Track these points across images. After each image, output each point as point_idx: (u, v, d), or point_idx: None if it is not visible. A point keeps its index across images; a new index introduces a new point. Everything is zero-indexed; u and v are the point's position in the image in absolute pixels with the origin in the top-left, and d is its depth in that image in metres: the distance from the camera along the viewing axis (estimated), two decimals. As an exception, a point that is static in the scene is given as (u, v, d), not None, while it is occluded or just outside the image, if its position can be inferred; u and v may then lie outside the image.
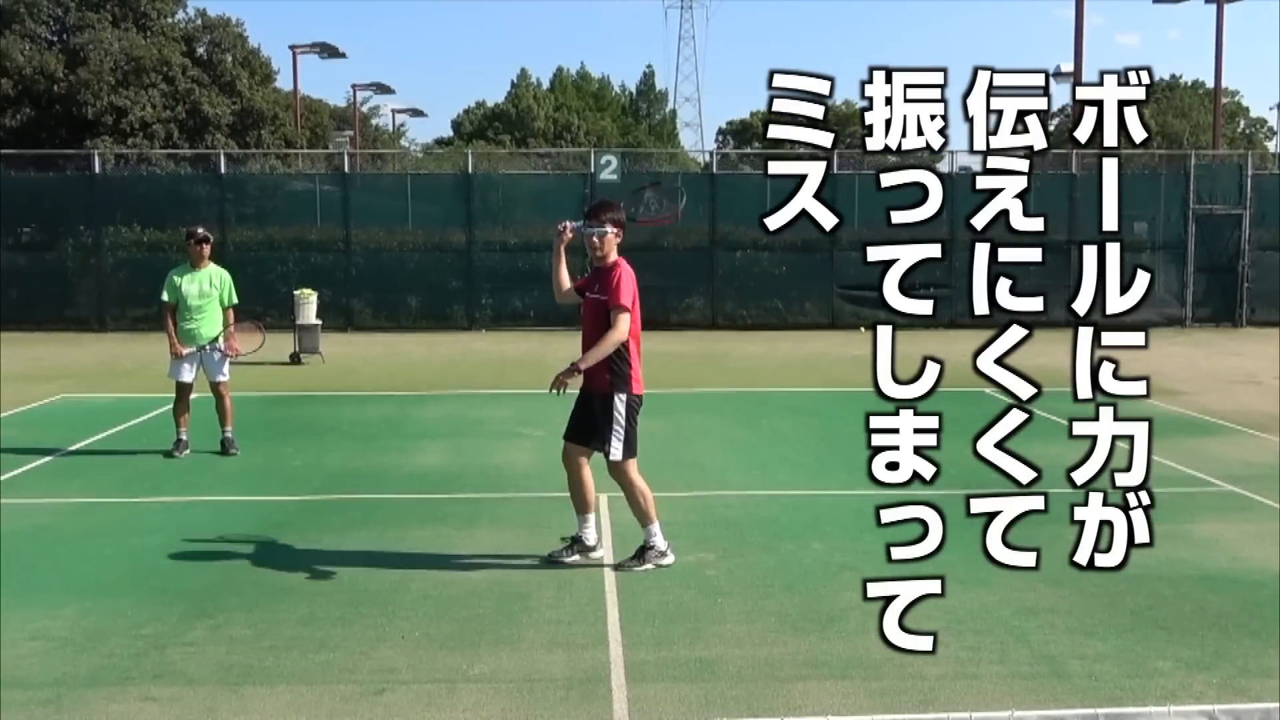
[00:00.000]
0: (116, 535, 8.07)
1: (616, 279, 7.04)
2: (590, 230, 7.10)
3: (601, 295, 7.08)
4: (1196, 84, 63.98)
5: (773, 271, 24.53)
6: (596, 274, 7.21)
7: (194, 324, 10.72)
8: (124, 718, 4.98)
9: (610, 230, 7.11)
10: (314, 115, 41.22)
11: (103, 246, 24.02)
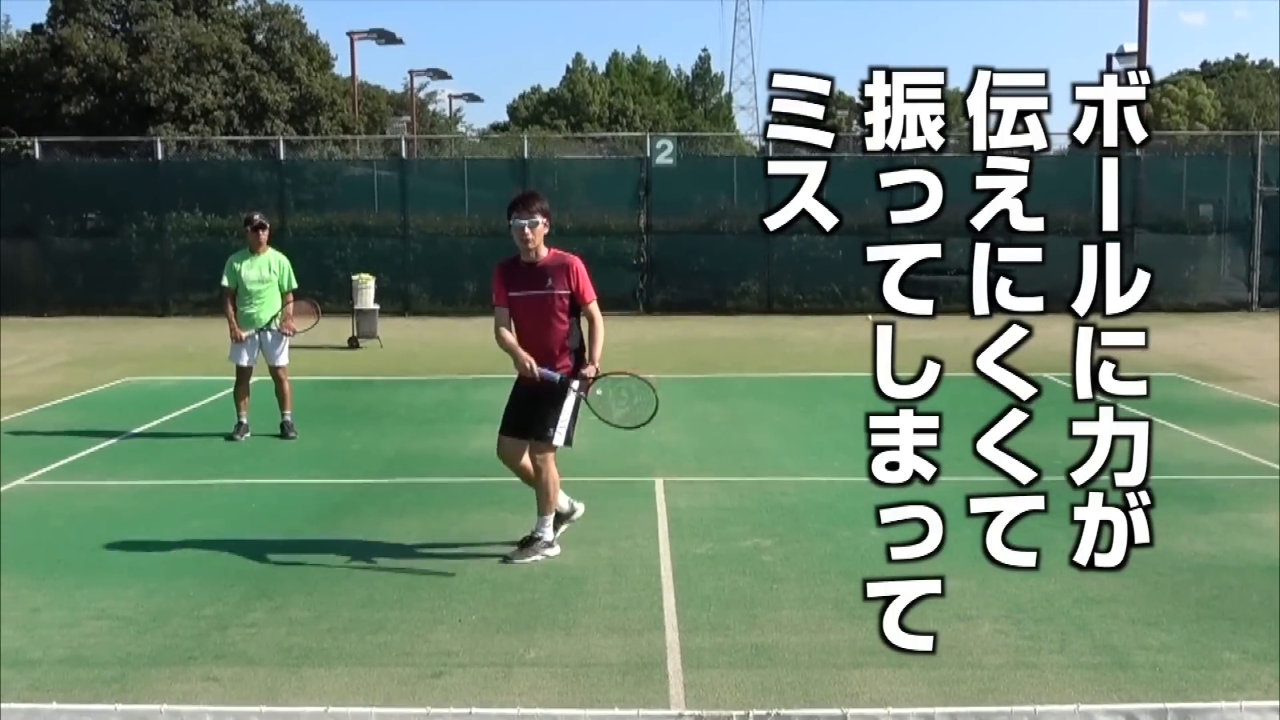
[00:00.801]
0: (179, 517, 8.19)
1: (579, 275, 7.01)
2: (522, 222, 6.90)
3: (559, 290, 6.94)
4: (1264, 63, 62.62)
5: (829, 256, 24.33)
6: (529, 270, 6.99)
7: (253, 309, 10.83)
8: (187, 697, 5.04)
9: (541, 221, 6.96)
10: (371, 101, 41.53)
11: (165, 232, 24.37)
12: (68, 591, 6.51)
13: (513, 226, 6.96)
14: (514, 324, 7.11)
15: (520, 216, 6.92)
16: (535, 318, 7.00)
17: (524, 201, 7.01)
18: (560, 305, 6.97)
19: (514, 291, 7.02)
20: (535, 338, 7.00)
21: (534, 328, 7.01)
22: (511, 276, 7.06)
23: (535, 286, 6.97)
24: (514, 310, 7.07)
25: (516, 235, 6.96)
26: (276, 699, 5.02)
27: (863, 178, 19.03)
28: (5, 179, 24.64)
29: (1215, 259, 25.18)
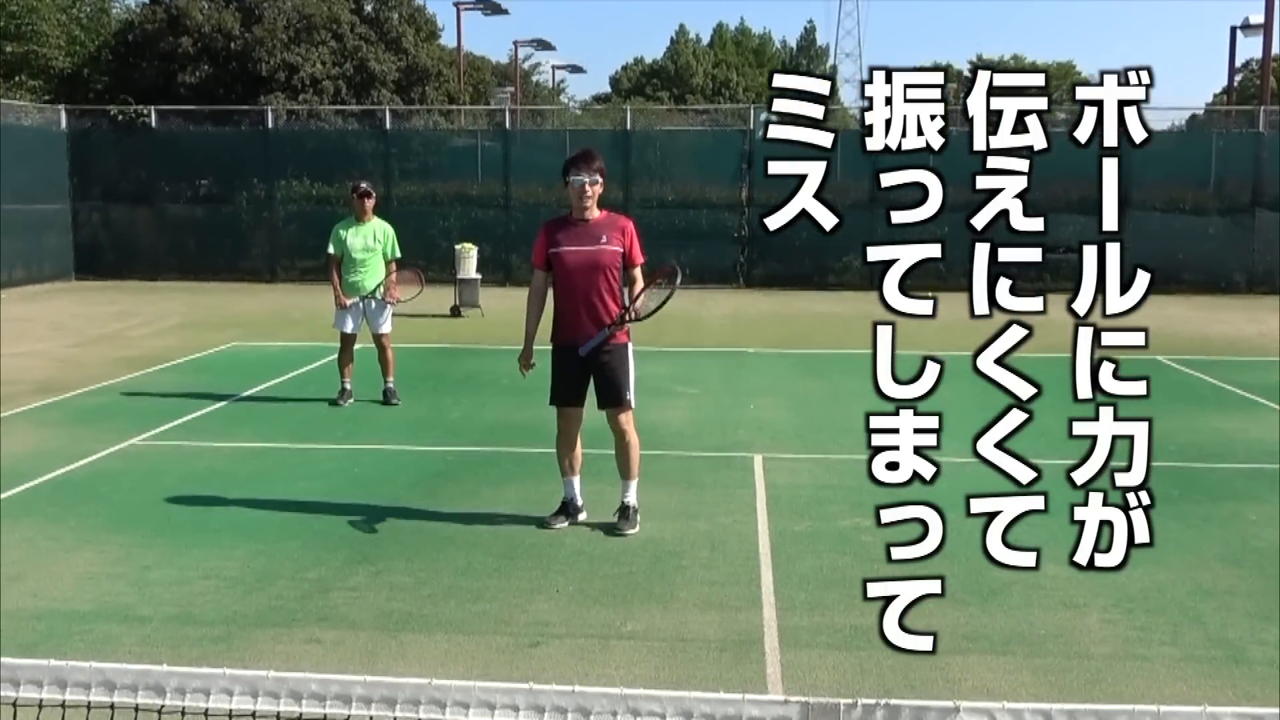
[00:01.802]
0: (284, 480, 8.34)
1: (633, 235, 7.04)
2: (583, 179, 6.93)
3: (611, 246, 6.94)
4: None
5: (936, 231, 23.93)
6: (581, 227, 6.99)
7: (358, 276, 10.97)
8: (290, 658, 5.13)
9: (599, 179, 6.99)
10: (476, 72, 41.78)
11: (274, 199, 24.86)
12: (178, 550, 6.67)
13: (571, 183, 7.00)
14: (560, 284, 7.04)
15: (581, 173, 6.96)
16: (586, 275, 6.95)
17: (584, 159, 7.07)
18: (612, 262, 6.96)
19: (565, 247, 6.99)
20: (584, 296, 6.95)
21: (583, 285, 6.95)
22: (559, 234, 7.04)
23: (587, 242, 6.97)
24: (563, 268, 7.00)
25: (575, 192, 6.99)
26: (376, 663, 5.09)
27: (970, 151, 18.56)
28: (123, 147, 25.32)
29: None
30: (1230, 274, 23.32)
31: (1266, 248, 23.52)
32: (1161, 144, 25.33)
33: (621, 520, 7.14)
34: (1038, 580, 6.26)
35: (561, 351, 7.07)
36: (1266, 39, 29.04)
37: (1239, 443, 9.63)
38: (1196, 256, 23.34)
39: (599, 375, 7.06)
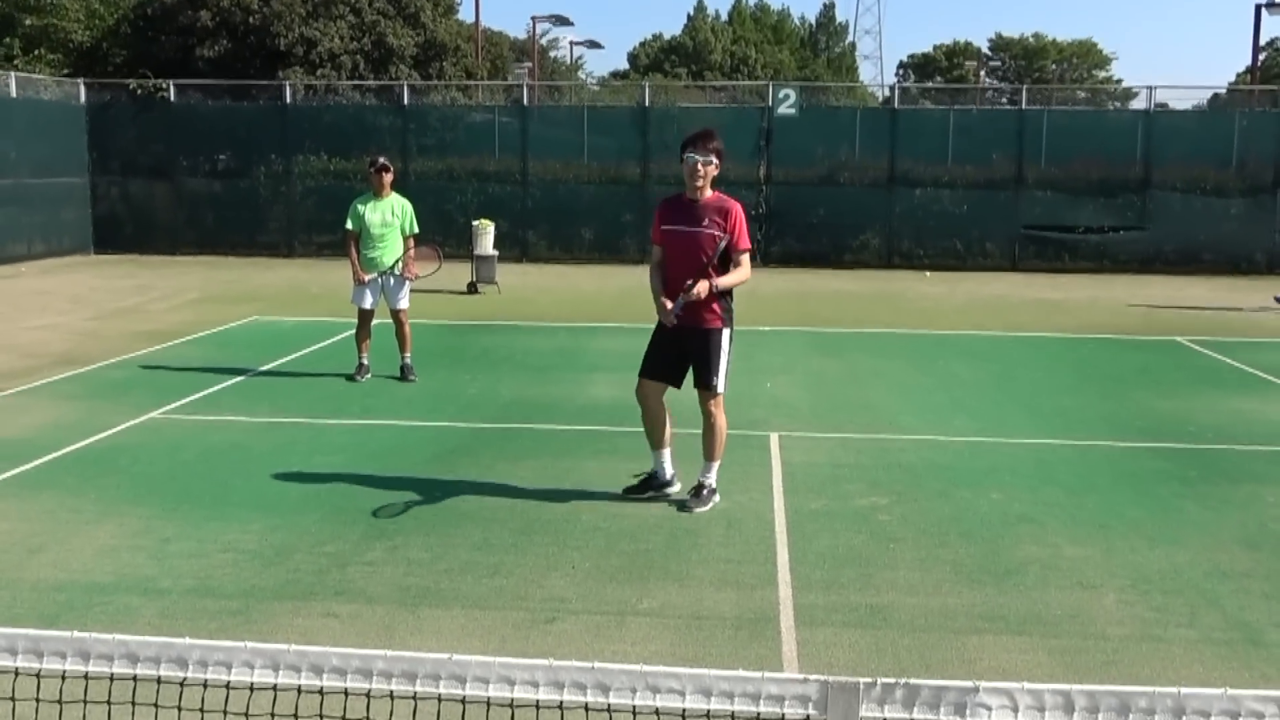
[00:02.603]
0: (302, 454, 8.38)
1: (739, 220, 6.96)
2: (696, 158, 6.89)
3: (712, 230, 6.90)
4: None
5: (953, 210, 23.82)
6: (689, 207, 6.99)
7: (376, 252, 10.98)
8: (307, 632, 5.16)
9: (715, 160, 6.95)
10: (494, 47, 41.66)
11: (292, 174, 24.87)
12: (196, 523, 6.71)
13: (685, 161, 6.96)
14: (666, 261, 7.10)
15: (696, 152, 6.92)
16: (685, 255, 6.97)
17: (702, 138, 7.03)
18: (711, 245, 6.91)
19: (669, 225, 7.04)
20: (682, 276, 6.96)
21: (683, 265, 6.97)
22: (670, 212, 7.09)
23: (692, 223, 6.96)
24: (667, 246, 7.08)
25: (688, 170, 6.95)
26: (394, 637, 5.12)
27: (989, 130, 18.95)
28: (142, 120, 25.36)
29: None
30: (1251, 255, 23.16)
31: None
32: (1183, 123, 25.18)
33: (693, 498, 7.18)
34: (1054, 560, 6.26)
35: (660, 329, 7.19)
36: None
37: (1258, 424, 9.58)
38: (1217, 237, 23.19)
39: (693, 356, 7.10)
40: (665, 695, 2.22)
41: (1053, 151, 23.82)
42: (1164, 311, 17.13)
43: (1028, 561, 6.23)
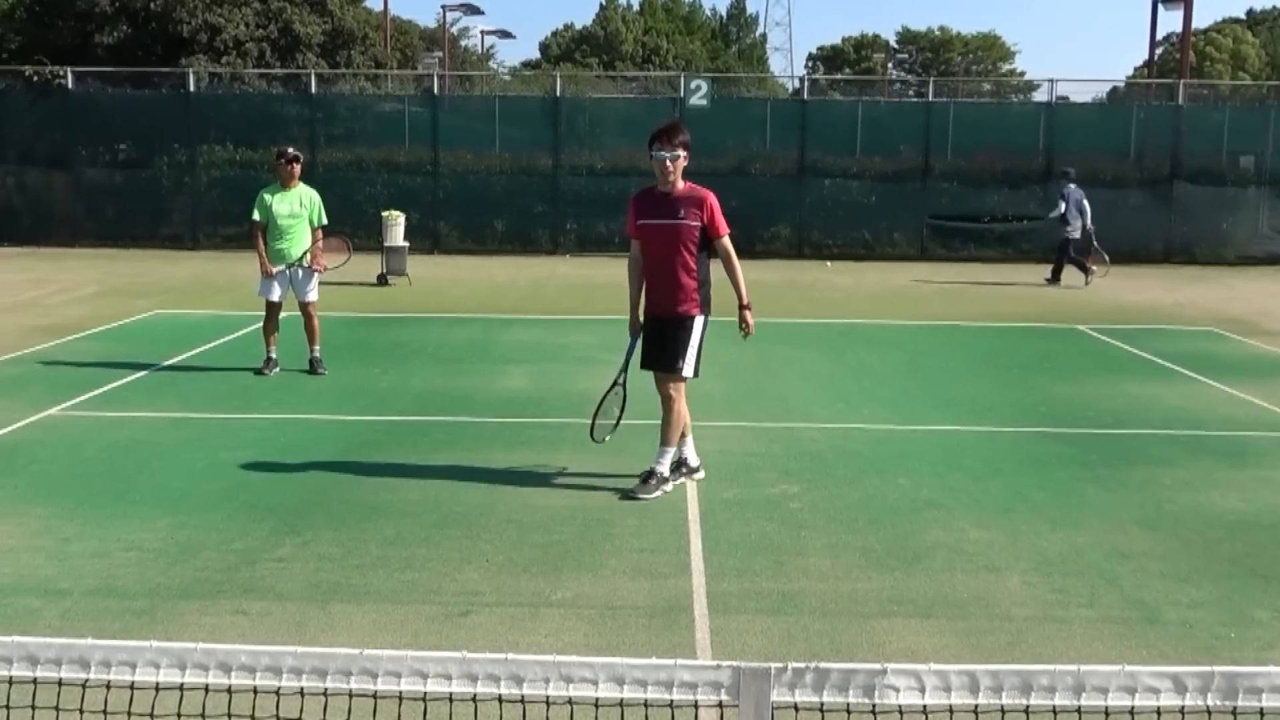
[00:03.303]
0: (208, 450, 8.23)
1: (714, 208, 7.09)
2: (664, 154, 6.96)
3: (690, 221, 7.01)
4: (1312, 12, 61.35)
5: (862, 201, 24.15)
6: (663, 200, 7.08)
7: (284, 243, 10.82)
8: (216, 630, 5.08)
9: (682, 154, 7.02)
10: (404, 36, 41.23)
11: (196, 164, 24.38)
12: (98, 522, 6.56)
13: (654, 158, 7.03)
14: (644, 256, 7.21)
15: (662, 149, 6.98)
16: (663, 247, 7.07)
17: (667, 133, 7.08)
18: (689, 236, 7.01)
19: (645, 220, 7.12)
20: (661, 268, 7.09)
21: (662, 257, 7.09)
22: (644, 206, 7.16)
23: (666, 216, 7.04)
24: (643, 240, 7.18)
25: (657, 166, 7.03)
26: (304, 634, 5.06)
27: (897, 122, 19.23)
28: (39, 109, 24.65)
29: (1254, 212, 24.82)
30: (1149, 244, 23.81)
31: (1183, 219, 24.05)
32: (1084, 116, 25.79)
33: (640, 484, 7.20)
34: (960, 544, 6.39)
35: (648, 321, 7.27)
36: (1186, 13, 29.55)
37: (1154, 409, 9.86)
38: (1116, 227, 23.81)
39: (662, 338, 7.18)
40: (579, 685, 2.23)
41: (958, 143, 24.26)
42: (1065, 299, 17.54)
43: (935, 546, 6.35)
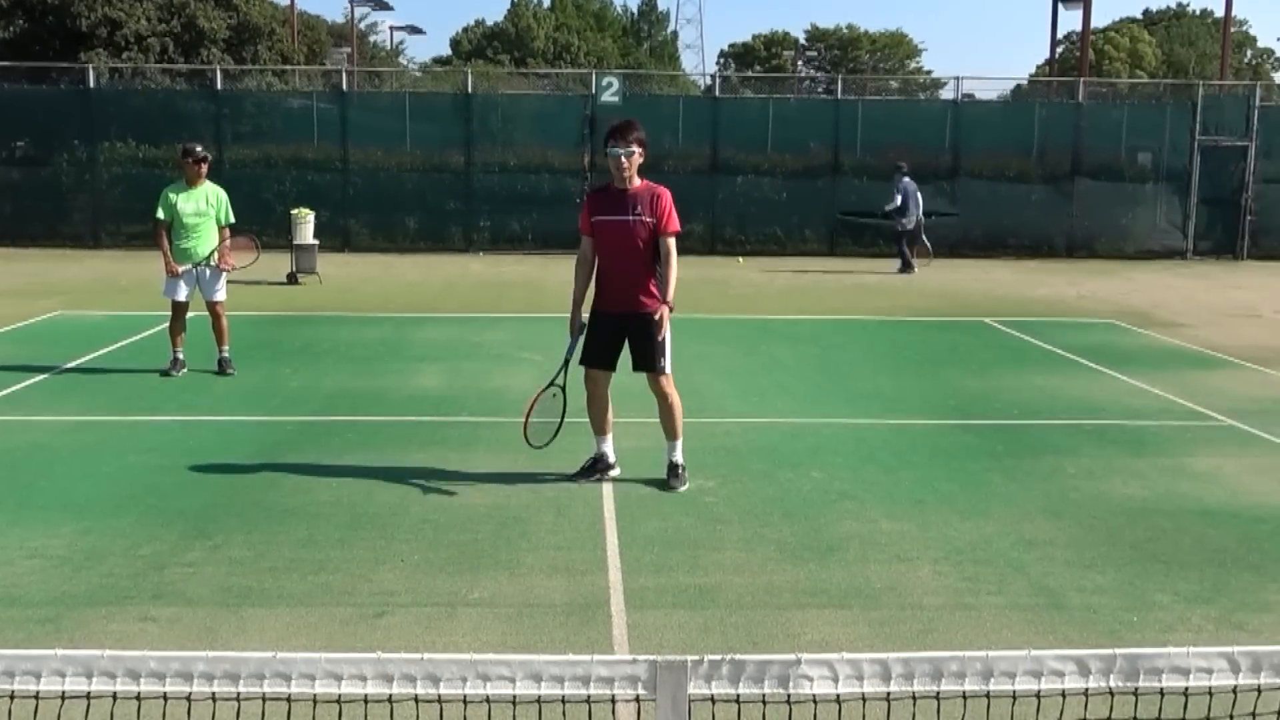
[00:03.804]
0: (114, 454, 8.05)
1: (667, 205, 7.13)
2: (619, 151, 7.03)
3: (645, 218, 7.06)
4: (1204, 13, 63.18)
5: (773, 197, 24.35)
6: (619, 196, 7.13)
7: (190, 242, 10.61)
8: (123, 637, 4.97)
9: (637, 150, 7.08)
10: (311, 31, 40.62)
11: (97, 162, 23.77)
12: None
13: (609, 155, 7.08)
14: (599, 252, 7.22)
15: (618, 146, 7.03)
16: (619, 244, 7.10)
17: (622, 131, 7.12)
18: (645, 233, 7.06)
19: (600, 216, 7.15)
20: (620, 265, 7.12)
21: (617, 254, 7.12)
22: (599, 203, 7.21)
23: (621, 212, 7.09)
24: (598, 236, 7.19)
25: (613, 163, 7.08)
26: (216, 639, 4.98)
27: (807, 119, 19.45)
28: (-71, 104, 23.87)
29: (1152, 207, 25.52)
30: (1052, 239, 24.36)
31: (1085, 214, 24.64)
32: (988, 113, 26.29)
33: (671, 478, 7.31)
34: (873, 536, 6.49)
35: (597, 317, 7.25)
36: (1085, 13, 30.26)
37: (1059, 400, 10.10)
38: (1020, 222, 24.34)
39: (635, 341, 7.20)
40: (496, 683, 2.23)
41: (867, 140, 24.58)
42: (972, 293, 17.87)
43: (848, 537, 6.44)
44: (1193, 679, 2.32)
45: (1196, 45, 57.93)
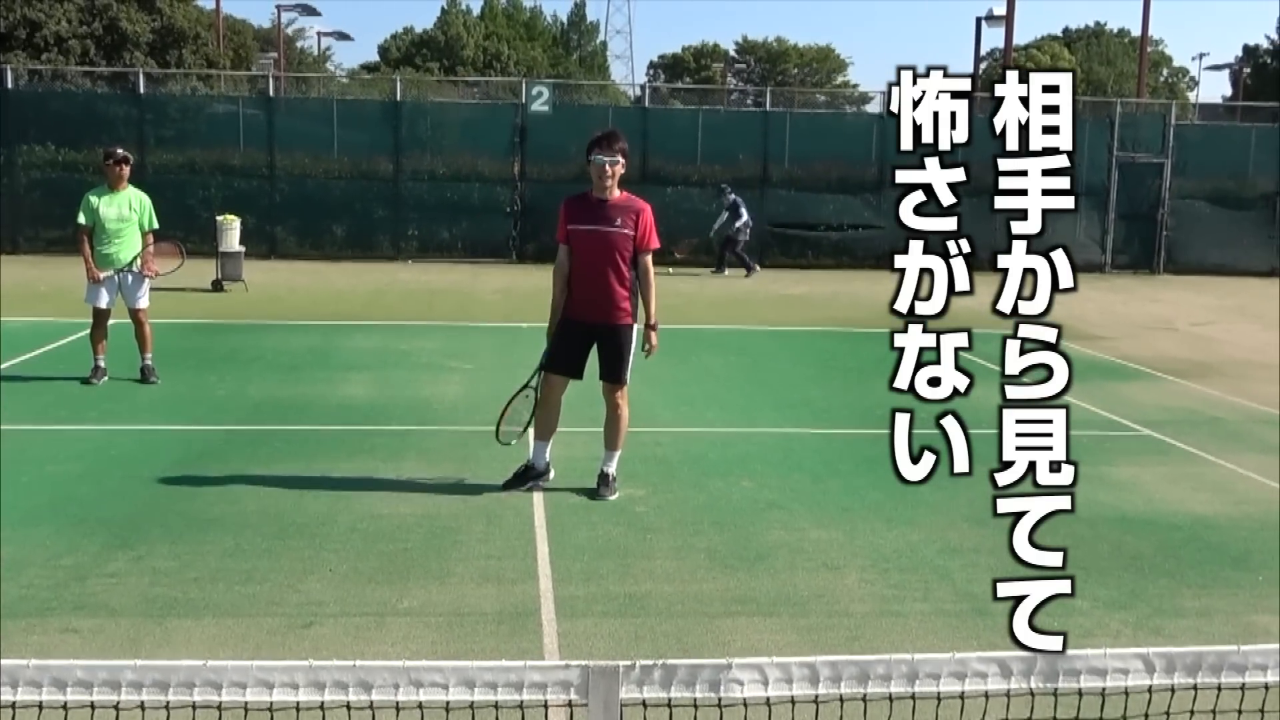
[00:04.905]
0: (33, 463, 7.89)
1: (648, 221, 7.19)
2: (604, 159, 7.06)
3: (624, 230, 7.09)
4: (1122, 32, 64.68)
5: (703, 208, 24.48)
6: (598, 206, 7.15)
7: (112, 248, 10.43)
8: (44, 649, 4.88)
9: (621, 160, 7.14)
10: (237, 36, 40.16)
11: (15, 165, 23.26)
12: (-87, 540, 6.22)
13: (593, 163, 7.08)
14: (574, 261, 7.20)
15: (603, 153, 7.05)
16: (596, 254, 7.10)
17: (607, 139, 7.17)
18: (623, 245, 7.08)
19: (578, 225, 7.14)
20: (593, 275, 7.12)
21: (593, 263, 7.12)
22: (578, 211, 7.19)
23: (601, 223, 7.09)
24: (575, 245, 7.18)
25: (596, 171, 7.08)
26: (140, 650, 4.90)
27: (736, 130, 19.63)
28: None
29: (1071, 222, 25.99)
30: (976, 253, 24.71)
31: (1006, 228, 25.05)
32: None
33: (601, 487, 7.33)
34: (801, 544, 6.56)
35: (568, 324, 7.25)
36: (1008, 30, 30.82)
37: (983, 411, 10.16)
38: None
39: (604, 350, 7.24)
40: (429, 689, 2.24)
41: (795, 152, 24.82)
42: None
43: (777, 546, 6.50)
44: (1110, 680, 2.40)
45: (1114, 64, 59.31)
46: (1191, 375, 12.53)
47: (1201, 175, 25.92)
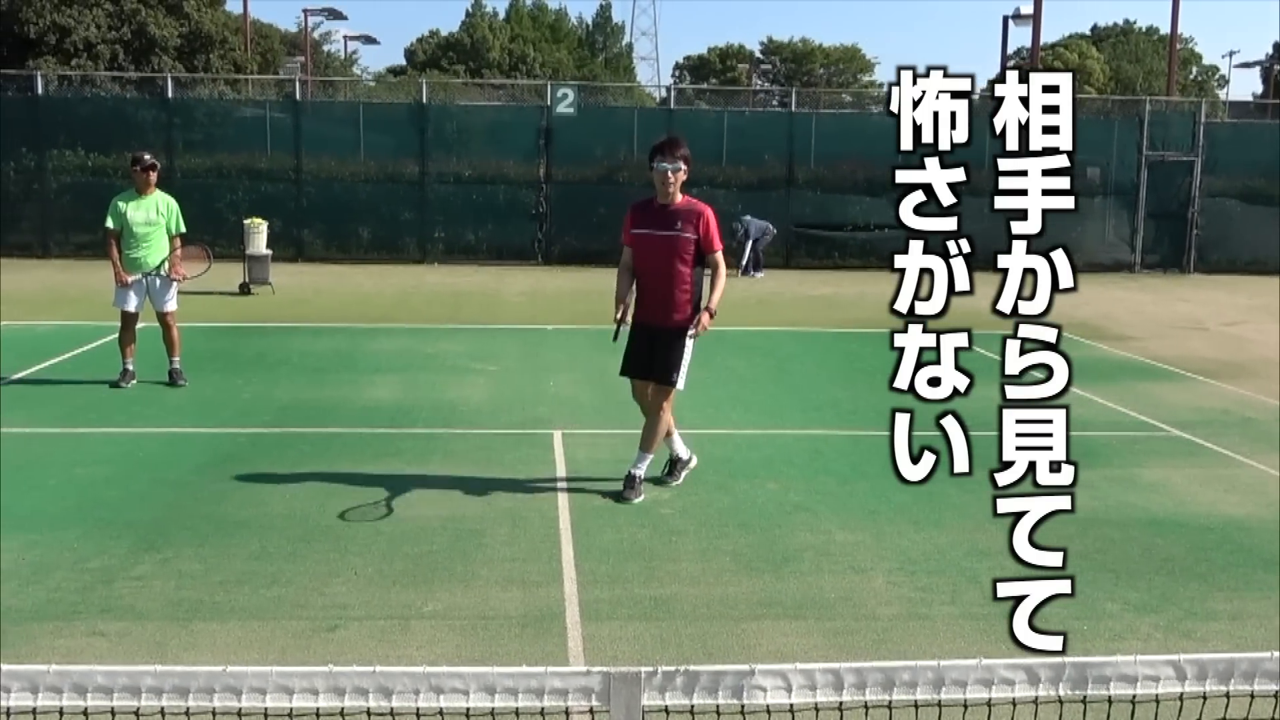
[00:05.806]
0: (61, 466, 7.94)
1: (710, 223, 7.24)
2: (666, 166, 7.11)
3: (686, 234, 7.14)
4: (1151, 30, 64.22)
5: (729, 209, 24.43)
6: (660, 211, 7.21)
7: (140, 252, 10.49)
8: (71, 652, 4.90)
9: (683, 167, 7.18)
10: (264, 40, 40.35)
11: (46, 170, 23.46)
12: (-57, 543, 6.27)
13: (655, 169, 7.15)
14: (638, 265, 7.30)
15: (664, 160, 7.11)
16: (657, 258, 7.18)
17: (669, 146, 7.22)
18: (684, 249, 7.14)
19: (641, 230, 7.22)
20: (655, 279, 7.20)
21: (655, 269, 7.20)
22: (641, 216, 7.28)
23: (663, 227, 7.16)
24: (637, 250, 7.27)
25: (658, 178, 7.14)
26: (166, 654, 4.91)
27: (761, 131, 19.58)
28: (-128, 111, 23.46)
29: (1101, 221, 25.84)
30: (999, 251, 24.58)
31: (1036, 227, 24.90)
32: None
33: (627, 489, 7.32)
34: (827, 547, 6.52)
35: (636, 328, 7.33)
36: (1035, 29, 30.66)
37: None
38: (974, 234, 24.54)
39: (658, 350, 7.27)
40: (449, 695, 2.22)
41: (821, 153, 24.74)
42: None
43: (803, 549, 6.46)
44: (1140, 687, 2.36)
45: (1143, 62, 58.86)
46: (1223, 376, 12.39)
47: (1232, 173, 25.66)
